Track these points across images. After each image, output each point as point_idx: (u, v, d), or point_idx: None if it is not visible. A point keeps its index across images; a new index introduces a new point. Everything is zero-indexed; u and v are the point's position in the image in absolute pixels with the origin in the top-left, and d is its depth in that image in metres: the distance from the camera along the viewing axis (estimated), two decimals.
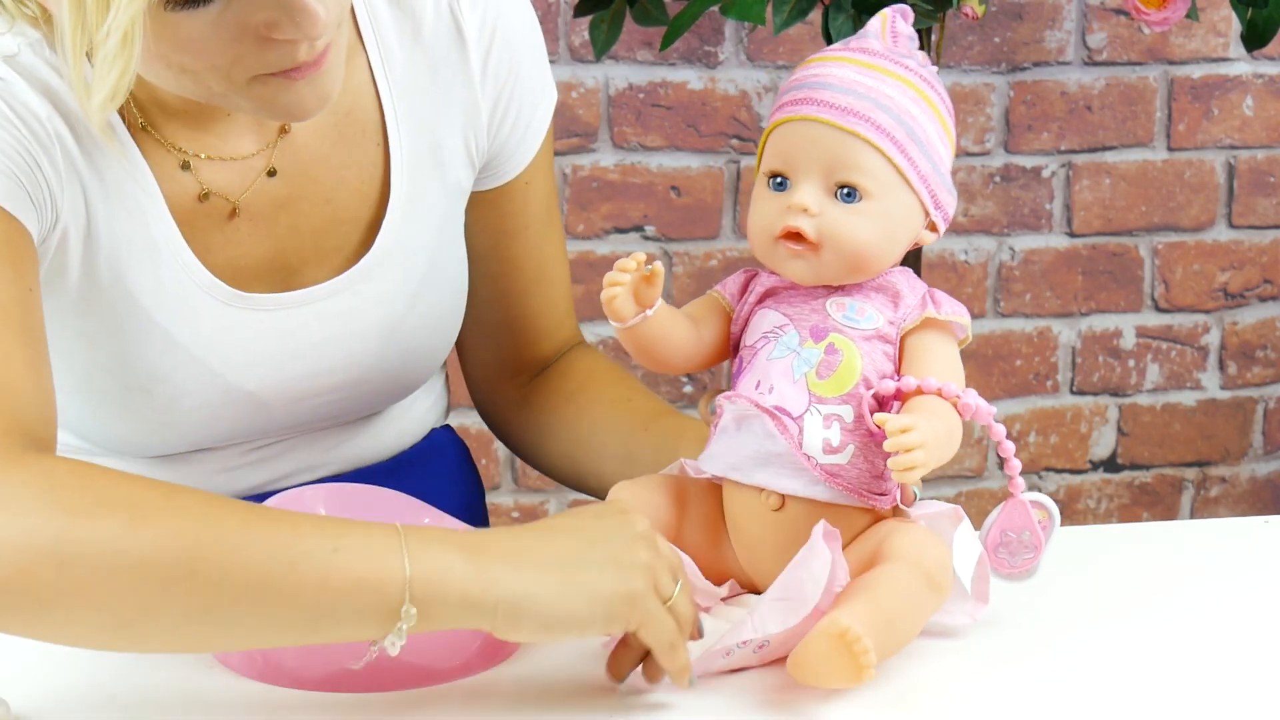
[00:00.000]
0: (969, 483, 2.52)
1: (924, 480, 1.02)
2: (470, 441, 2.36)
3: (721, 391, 1.10)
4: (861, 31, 1.06)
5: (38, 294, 1.07)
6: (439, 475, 1.37)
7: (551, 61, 2.31)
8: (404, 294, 1.24)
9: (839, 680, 0.95)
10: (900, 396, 1.02)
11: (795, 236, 1.02)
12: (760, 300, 1.06)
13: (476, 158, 1.26)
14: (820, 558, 0.98)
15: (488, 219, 1.31)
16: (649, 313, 1.04)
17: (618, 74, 2.33)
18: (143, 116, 1.14)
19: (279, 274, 1.20)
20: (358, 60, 1.21)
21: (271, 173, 1.18)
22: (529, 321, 1.35)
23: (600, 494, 1.30)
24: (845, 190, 1.02)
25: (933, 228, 1.06)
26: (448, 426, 1.44)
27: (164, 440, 1.20)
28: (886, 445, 0.96)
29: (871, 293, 1.04)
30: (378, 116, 1.22)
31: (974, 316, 2.45)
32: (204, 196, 1.16)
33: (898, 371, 1.03)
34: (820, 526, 0.99)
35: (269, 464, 1.27)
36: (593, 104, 2.33)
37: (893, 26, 1.06)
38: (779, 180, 1.04)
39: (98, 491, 0.94)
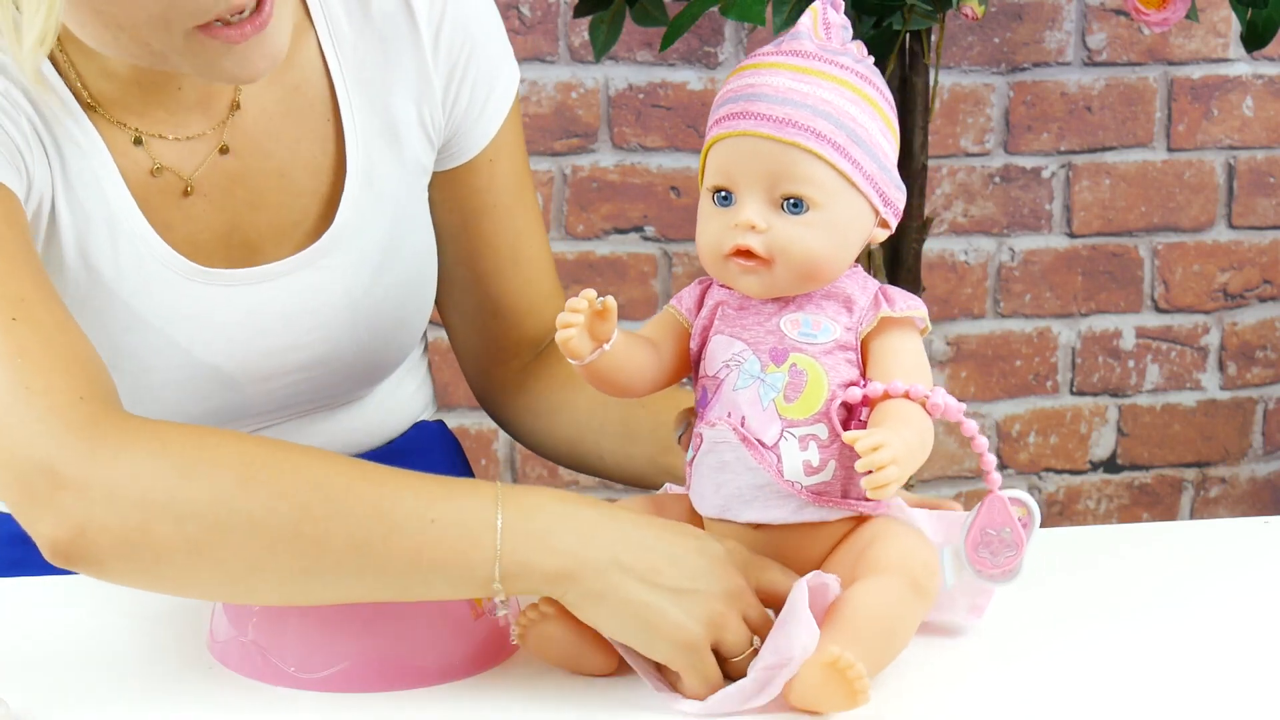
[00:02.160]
0: (969, 483, 2.51)
1: (913, 482, 1.01)
2: (469, 442, 2.36)
3: (684, 417, 1.09)
4: (793, 31, 1.03)
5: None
6: (428, 467, 1.33)
7: (551, 62, 2.31)
8: (366, 268, 1.24)
9: (835, 706, 0.95)
10: (868, 402, 1.01)
11: (745, 253, 1.01)
12: (712, 317, 1.05)
13: (434, 134, 1.27)
14: (807, 628, 0.97)
15: (455, 198, 1.31)
16: (605, 348, 1.02)
17: (617, 74, 2.33)
18: (91, 94, 1.15)
19: (238, 250, 1.21)
20: (306, 37, 1.22)
21: (224, 150, 1.19)
22: (510, 301, 1.34)
23: (600, 473, 1.31)
24: (791, 202, 1.00)
25: (884, 224, 1.04)
26: (440, 422, 1.43)
27: None
28: (859, 465, 0.95)
29: (823, 301, 1.02)
30: (328, 92, 1.22)
31: (974, 317, 2.47)
32: (157, 171, 1.17)
33: (863, 375, 1.02)
34: (803, 591, 0.98)
35: None
36: (593, 104, 2.33)
37: (824, 18, 1.03)
38: (723, 195, 1.02)
39: (209, 450, 0.98)
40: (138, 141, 1.16)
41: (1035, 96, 2.41)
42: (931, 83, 2.00)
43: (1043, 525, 1.07)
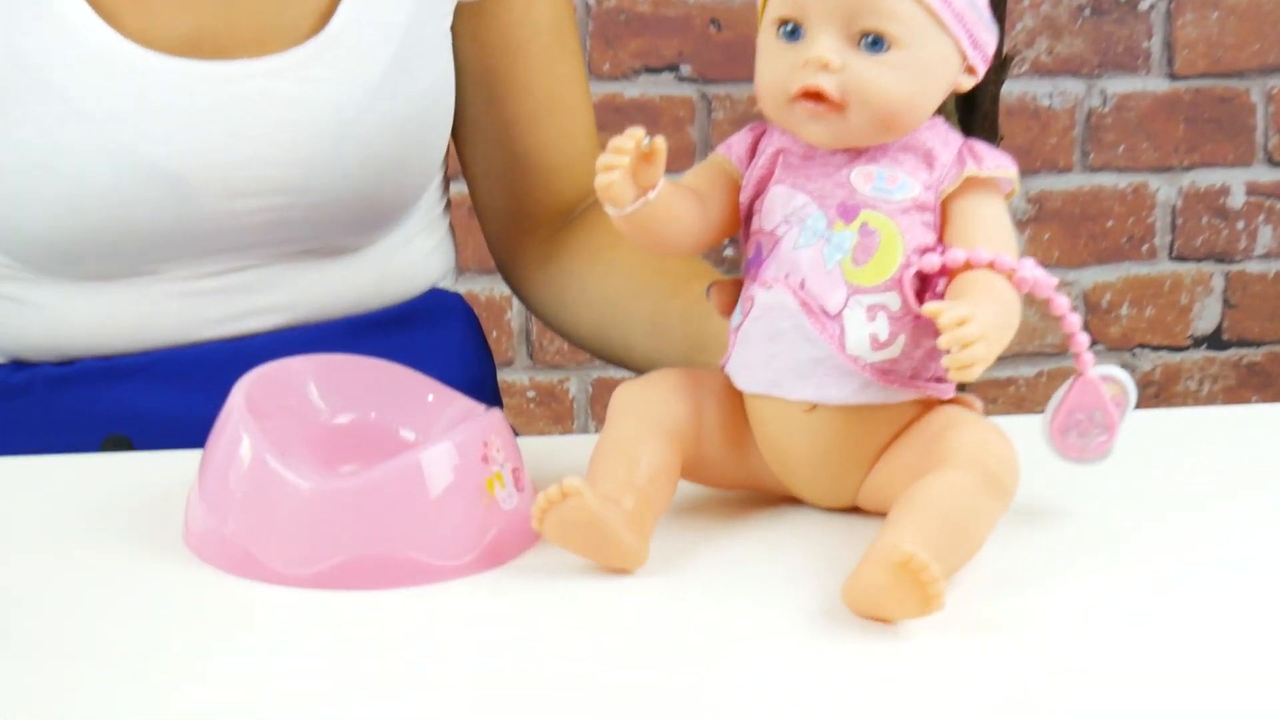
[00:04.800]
0: (1051, 360, 2.52)
1: (997, 358, 1.01)
2: (479, 310, 2.35)
3: (718, 282, 1.08)
4: None
5: None
6: (441, 341, 1.38)
7: None
8: (359, 89, 1.24)
9: (903, 613, 0.94)
10: (947, 272, 1.00)
11: (815, 96, 1.00)
12: (772, 166, 1.05)
13: None
14: None
15: (486, 33, 1.31)
16: (650, 196, 1.01)
17: None
18: None
19: (208, 52, 1.21)
20: None
21: None
22: (541, 157, 1.35)
23: (629, 365, 1.32)
24: (871, 39, 1.00)
25: (971, 70, 1.04)
26: (459, 295, 1.44)
27: (81, 241, 1.21)
28: (942, 342, 0.94)
29: (900, 154, 1.02)
30: None
31: (1059, 171, 2.47)
32: None
33: (940, 241, 1.02)
34: None
35: (229, 296, 1.27)
36: None
37: None
38: (790, 28, 1.01)
39: None
40: None
41: None
42: None
43: (1136, 408, 1.06)
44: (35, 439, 1.22)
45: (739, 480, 1.07)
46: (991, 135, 2.07)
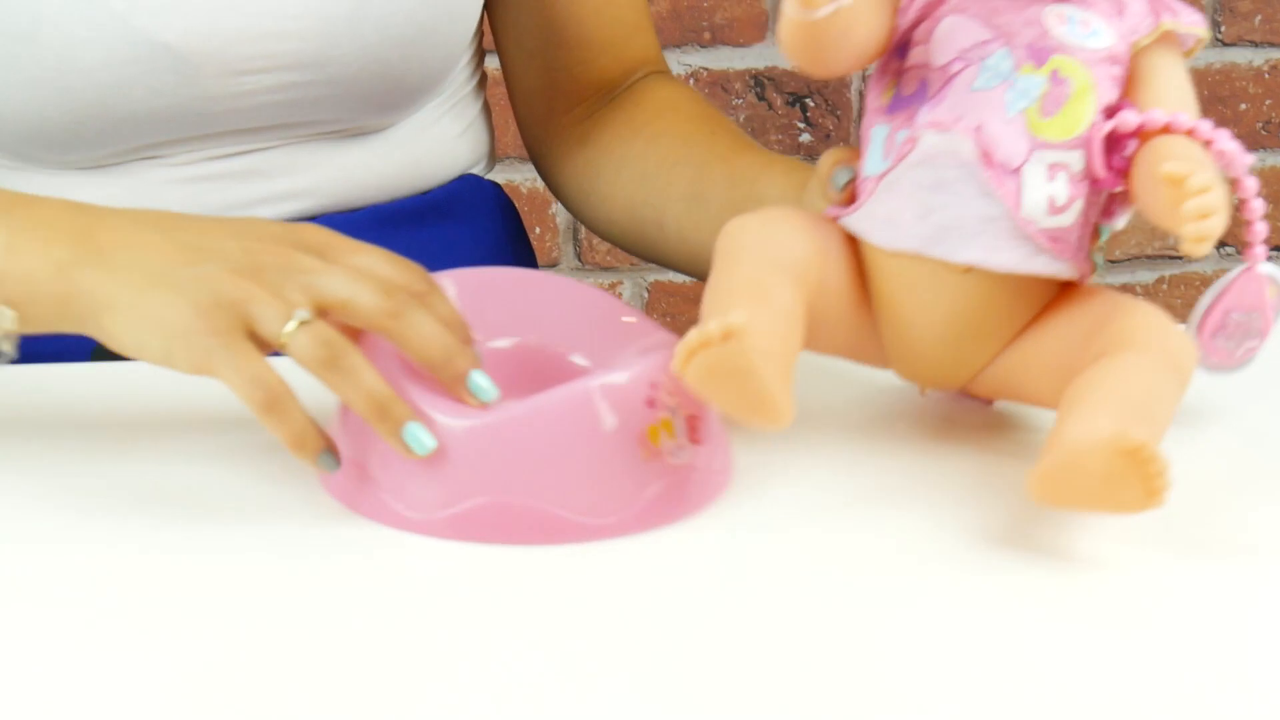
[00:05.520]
0: (1173, 265, 2.49)
1: (1110, 259, 1.02)
2: (520, 203, 2.35)
3: (845, 160, 1.06)
4: None
5: None
6: (476, 234, 1.38)
7: None
8: None
9: (1123, 505, 0.93)
10: (1141, 134, 0.99)
11: None
12: None
13: None
14: None
15: None
16: (846, 1, 0.99)
17: None
18: None
19: None
20: None
21: None
22: (582, 29, 1.35)
23: (659, 250, 1.31)
24: None
25: None
26: (496, 184, 1.43)
27: (69, 125, 1.21)
28: (1188, 207, 0.93)
29: None
30: None
31: None
32: None
33: (1122, 99, 1.01)
34: None
35: (238, 182, 1.28)
36: None
37: None
38: None
39: None
40: None
41: None
42: None
43: None
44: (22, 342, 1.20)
45: (840, 345, 1.06)
46: None
